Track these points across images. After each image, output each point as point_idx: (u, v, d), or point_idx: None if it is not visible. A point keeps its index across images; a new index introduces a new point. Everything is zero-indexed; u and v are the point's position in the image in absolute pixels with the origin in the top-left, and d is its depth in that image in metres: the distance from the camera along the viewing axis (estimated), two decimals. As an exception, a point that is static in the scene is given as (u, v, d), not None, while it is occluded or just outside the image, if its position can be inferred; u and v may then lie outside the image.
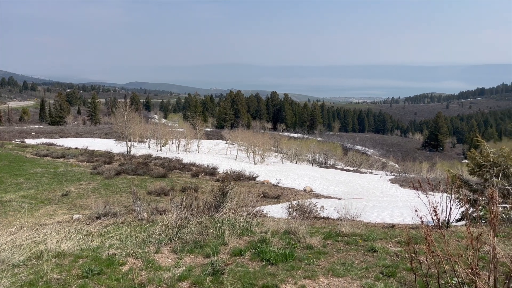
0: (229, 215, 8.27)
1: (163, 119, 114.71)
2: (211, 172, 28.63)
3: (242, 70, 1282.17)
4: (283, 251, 5.74)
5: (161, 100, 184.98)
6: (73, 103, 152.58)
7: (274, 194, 21.22)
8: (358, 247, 6.37)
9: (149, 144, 56.35)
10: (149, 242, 6.52)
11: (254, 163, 46.28)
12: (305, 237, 6.57)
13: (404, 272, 5.06)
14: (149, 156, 37.42)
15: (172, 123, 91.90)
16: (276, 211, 14.53)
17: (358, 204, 14.55)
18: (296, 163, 54.18)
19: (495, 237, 3.53)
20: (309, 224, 8.68)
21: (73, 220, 11.08)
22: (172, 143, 58.05)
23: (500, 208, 9.24)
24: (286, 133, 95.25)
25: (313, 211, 11.59)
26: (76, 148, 40.12)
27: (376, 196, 25.03)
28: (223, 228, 7.05)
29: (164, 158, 36.70)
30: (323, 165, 54.27)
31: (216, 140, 69.66)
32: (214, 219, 8.09)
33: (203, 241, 6.51)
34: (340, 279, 4.91)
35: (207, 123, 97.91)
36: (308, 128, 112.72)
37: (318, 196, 23.30)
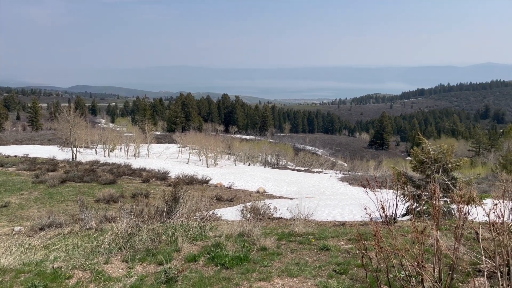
0: (182, 221, 8.13)
1: (111, 124, 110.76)
2: (163, 176, 28.03)
3: (192, 72, 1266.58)
4: (238, 254, 5.72)
5: (108, 104, 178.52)
6: (11, 108, 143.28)
7: (228, 196, 21.15)
8: (311, 246, 6.48)
9: (96, 150, 54.21)
10: (98, 252, 6.25)
11: (207, 166, 45.90)
12: (259, 239, 6.59)
13: (355, 268, 5.21)
14: (97, 162, 36.02)
15: (120, 128, 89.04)
16: (230, 213, 14.49)
17: (310, 203, 14.86)
18: (249, 165, 54.38)
19: (438, 230, 3.72)
20: (263, 226, 8.73)
21: (14, 232, 10.39)
22: (121, 148, 56.22)
23: (441, 202, 9.79)
24: (238, 135, 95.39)
25: (267, 212, 11.67)
26: (16, 156, 37.76)
27: (327, 195, 25.67)
28: (176, 234, 6.91)
29: (113, 163, 35.48)
30: (275, 166, 54.88)
31: (167, 144, 68.33)
32: (166, 225, 7.91)
33: (156, 248, 6.34)
34: (295, 279, 4.96)
35: (157, 126, 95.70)
36: (260, 129, 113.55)
37: (271, 196, 23.51)
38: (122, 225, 6.84)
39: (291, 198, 22.44)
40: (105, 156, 48.35)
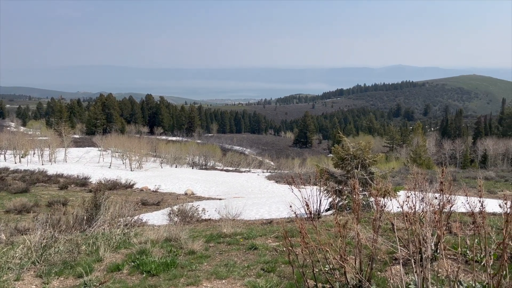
0: (104, 228, 7.70)
1: (22, 127, 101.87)
2: (83, 182, 26.44)
3: (113, 72, 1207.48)
4: (164, 260, 5.54)
5: (18, 106, 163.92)
6: None
7: (154, 200, 20.51)
8: (240, 246, 6.49)
9: (5, 156, 49.51)
10: (8, 268, 5.67)
11: (131, 170, 44.15)
12: (187, 243, 6.46)
13: (283, 265, 5.30)
14: (6, 169, 32.94)
15: (33, 131, 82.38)
16: (157, 218, 14.06)
17: (239, 203, 14.93)
18: (176, 167, 53.30)
19: (359, 224, 3.91)
20: (191, 229, 8.58)
21: None
22: (34, 154, 51.96)
23: (361, 196, 10.37)
24: (164, 137, 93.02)
25: (195, 214, 11.50)
26: None
27: (255, 194, 26.01)
28: (98, 243, 6.51)
29: (25, 170, 32.71)
30: (203, 167, 54.43)
31: (87, 148, 64.53)
32: (87, 235, 7.44)
33: (74, 260, 5.92)
34: (223, 281, 4.92)
35: (75, 129, 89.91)
36: (186, 130, 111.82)
37: (200, 198, 23.26)
38: (36, 236, 6.30)
39: (220, 199, 22.39)
40: (16, 163, 44.39)
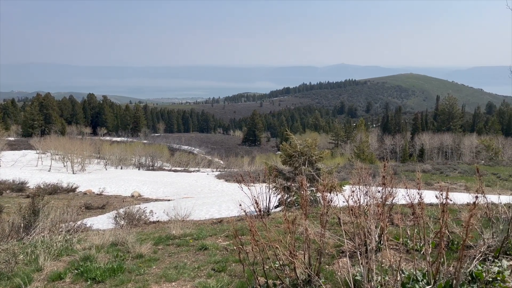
0: (44, 236, 7.27)
1: None
2: (19, 187, 24.82)
3: (51, 70, 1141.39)
4: (111, 266, 5.33)
5: None
6: None
7: (99, 204, 19.69)
8: (189, 247, 6.40)
9: None
10: None
11: (73, 173, 42.08)
12: (135, 246, 6.26)
13: (233, 264, 5.29)
14: None
15: (-38, 134, 76.13)
16: (102, 222, 13.53)
17: (188, 203, 14.74)
18: (121, 168, 51.54)
19: (307, 219, 3.98)
20: (139, 232, 8.34)
21: None
22: (-37, 158, 48.00)
23: (308, 192, 10.61)
24: (108, 138, 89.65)
25: (142, 216, 11.20)
26: None
27: (205, 193, 25.79)
28: (37, 251, 6.13)
29: (-47, 177, 30.08)
30: (150, 168, 53.10)
31: (23, 150, 60.62)
32: (24, 243, 6.99)
33: (11, 270, 5.53)
34: (173, 283, 4.83)
35: (9, 131, 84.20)
36: (132, 131, 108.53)
37: (147, 200, 22.68)
38: (-34, 248, 5.83)
39: (168, 200, 21.96)
40: None
